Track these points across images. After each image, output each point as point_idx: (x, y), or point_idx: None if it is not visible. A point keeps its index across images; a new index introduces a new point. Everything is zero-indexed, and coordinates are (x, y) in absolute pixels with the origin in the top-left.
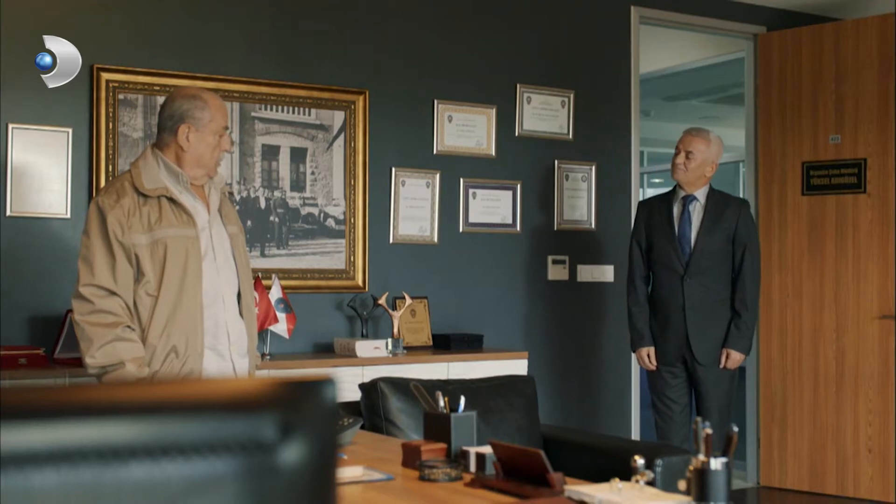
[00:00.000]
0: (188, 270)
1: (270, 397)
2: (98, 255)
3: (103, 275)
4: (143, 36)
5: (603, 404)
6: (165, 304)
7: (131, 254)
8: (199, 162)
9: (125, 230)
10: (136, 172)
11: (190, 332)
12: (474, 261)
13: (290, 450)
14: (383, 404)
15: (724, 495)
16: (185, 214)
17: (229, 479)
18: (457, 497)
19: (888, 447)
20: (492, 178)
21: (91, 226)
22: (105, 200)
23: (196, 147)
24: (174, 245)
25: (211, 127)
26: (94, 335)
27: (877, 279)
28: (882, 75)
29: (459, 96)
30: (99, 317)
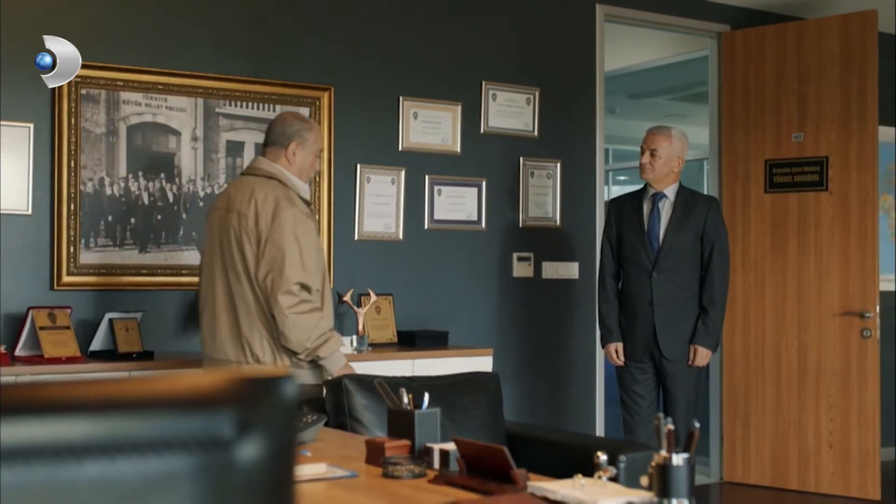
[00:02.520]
0: (326, 270)
1: (228, 394)
2: (305, 255)
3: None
4: (106, 31)
5: (568, 401)
6: (328, 298)
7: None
8: (301, 175)
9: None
10: (294, 186)
11: (331, 319)
12: (439, 258)
13: (247, 447)
14: (348, 401)
15: (686, 491)
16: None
17: (186, 476)
18: (420, 494)
19: (849, 443)
20: (457, 175)
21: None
22: (298, 209)
23: (300, 162)
24: (322, 248)
25: (313, 147)
26: (308, 323)
27: (838, 276)
28: (844, 74)
29: (425, 93)
30: (304, 306)
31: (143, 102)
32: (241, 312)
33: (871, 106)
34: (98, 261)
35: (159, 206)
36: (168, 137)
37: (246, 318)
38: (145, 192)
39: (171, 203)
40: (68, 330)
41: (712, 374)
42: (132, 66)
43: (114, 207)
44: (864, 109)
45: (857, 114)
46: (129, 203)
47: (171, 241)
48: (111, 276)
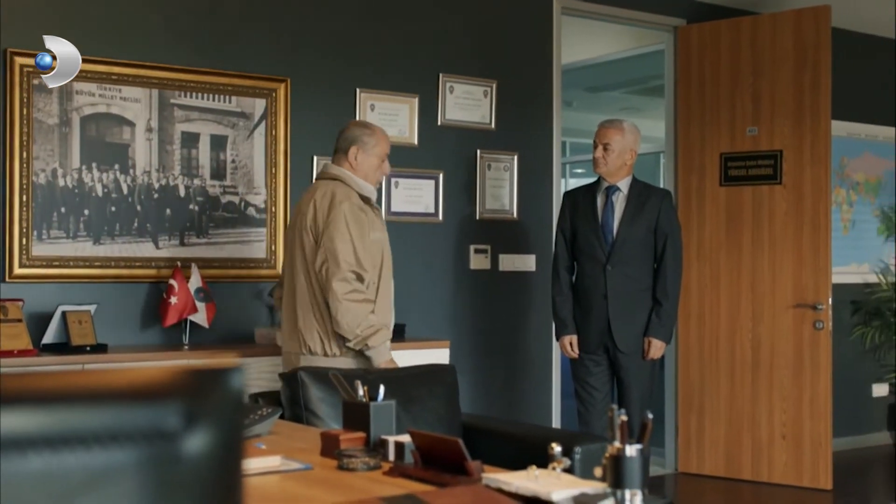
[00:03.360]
0: (388, 266)
1: (174, 386)
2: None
3: (359, 263)
4: (59, 20)
5: (524, 393)
6: (383, 291)
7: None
8: (366, 178)
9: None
10: (356, 185)
11: (389, 313)
12: (396, 250)
13: (194, 439)
14: (304, 394)
15: (639, 482)
16: (380, 221)
17: (131, 468)
18: (375, 486)
19: (801, 433)
20: (414, 167)
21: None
22: (353, 203)
23: (362, 165)
24: (385, 245)
25: (375, 150)
26: (357, 310)
27: (791, 269)
28: (797, 69)
29: (382, 85)
30: (356, 295)
31: (96, 93)
32: (299, 305)
33: (825, 100)
34: (51, 253)
35: (113, 197)
36: (122, 128)
37: (301, 310)
38: (99, 183)
39: (125, 195)
40: (20, 323)
41: (668, 366)
42: (86, 56)
43: (67, 199)
44: (818, 104)
45: (810, 108)
46: (82, 194)
47: (125, 232)
48: (64, 268)
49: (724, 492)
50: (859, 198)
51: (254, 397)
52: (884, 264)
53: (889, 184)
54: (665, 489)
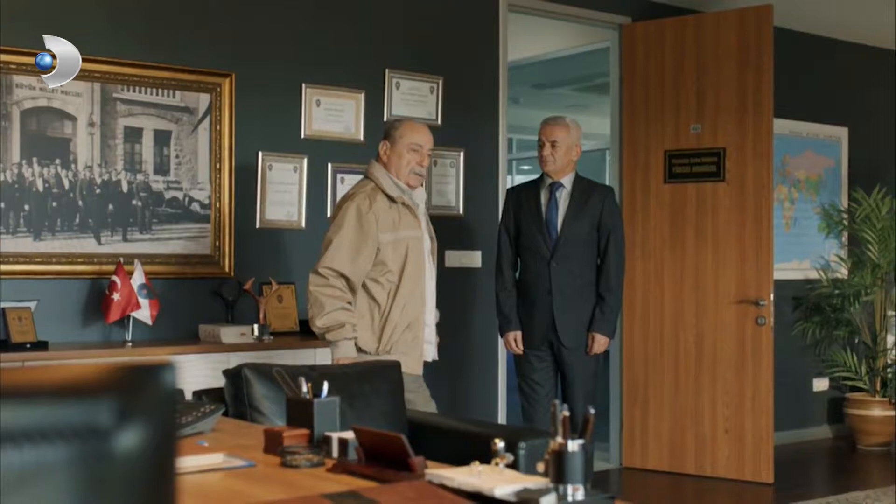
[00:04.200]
0: (418, 264)
1: (106, 383)
2: (343, 244)
3: (342, 263)
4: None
5: (470, 389)
6: (405, 290)
7: (374, 248)
8: (396, 173)
9: (376, 229)
10: (380, 181)
11: (419, 312)
12: None
13: (126, 436)
14: (248, 391)
15: (582, 476)
16: (415, 218)
17: (63, 466)
18: (318, 483)
19: (743, 428)
20: (360, 163)
21: (345, 219)
22: (360, 203)
23: (391, 159)
24: (412, 245)
25: (401, 141)
26: (326, 303)
27: (734, 265)
28: (740, 67)
29: (328, 81)
30: (329, 290)
31: (37, 86)
32: None
33: (767, 99)
34: None
35: (54, 192)
36: (63, 123)
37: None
38: (39, 178)
39: (66, 190)
40: None
41: (612, 362)
42: (26, 49)
43: (6, 194)
44: (760, 102)
45: (753, 106)
46: (22, 189)
47: (66, 228)
48: (4, 265)
49: (667, 486)
50: (801, 195)
51: (197, 394)
52: (824, 261)
53: (830, 182)
54: (609, 484)
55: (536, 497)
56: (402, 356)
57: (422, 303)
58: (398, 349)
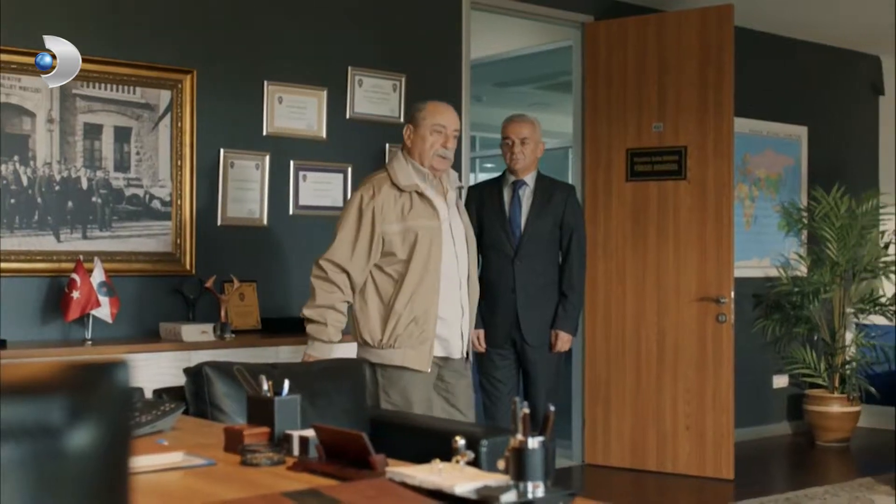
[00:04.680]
0: (432, 254)
1: (58, 381)
2: (344, 238)
3: (342, 255)
4: None
5: None
6: (412, 281)
7: (377, 240)
8: (420, 156)
9: (378, 219)
10: (392, 170)
11: (429, 305)
12: (305, 244)
13: (79, 434)
14: (209, 389)
15: (542, 473)
16: (431, 207)
17: (14, 465)
18: (278, 481)
19: (704, 424)
20: (322, 161)
21: (347, 212)
22: (364, 194)
23: (415, 143)
24: (423, 234)
25: (424, 123)
26: (318, 295)
27: (695, 263)
28: (702, 66)
29: (290, 78)
30: (326, 285)
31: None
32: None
33: (728, 98)
34: None
35: (13, 189)
36: (22, 119)
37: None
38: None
39: (25, 187)
40: None
41: (575, 359)
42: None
43: None
44: (721, 101)
45: (714, 105)
46: None
47: (25, 225)
48: None
49: (629, 483)
50: (761, 193)
51: (157, 393)
52: (784, 259)
53: (790, 180)
54: (571, 480)
55: (497, 494)
56: (407, 351)
57: (433, 295)
58: (403, 343)
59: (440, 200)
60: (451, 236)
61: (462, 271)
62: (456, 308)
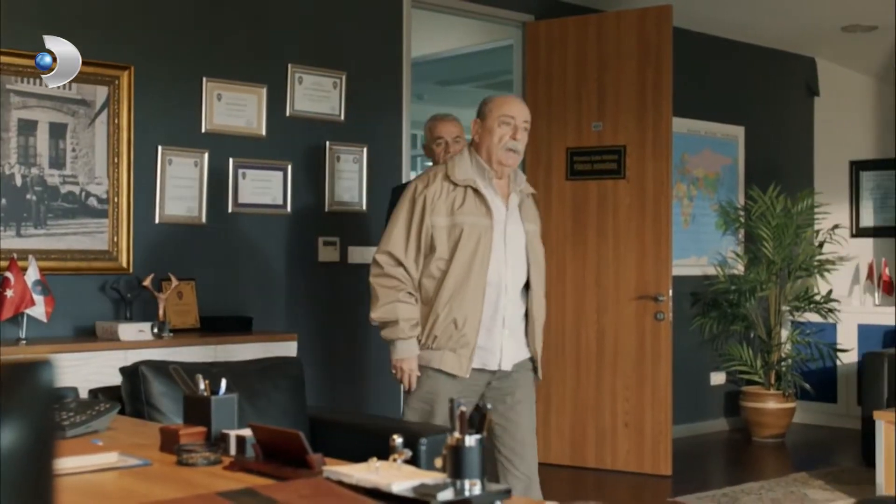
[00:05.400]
0: (478, 255)
1: None
2: (397, 229)
3: (397, 246)
4: None
5: (373, 385)
6: (453, 280)
7: (427, 233)
8: (488, 151)
9: (427, 210)
10: (451, 164)
11: (471, 310)
12: (244, 242)
13: (2, 435)
14: (145, 388)
15: (479, 471)
16: (484, 206)
17: None
18: (214, 481)
19: (643, 421)
20: (262, 158)
21: (401, 203)
22: (418, 183)
23: (483, 137)
24: (469, 230)
25: (492, 117)
26: (381, 294)
27: (634, 261)
28: (640, 67)
29: (229, 74)
30: (386, 280)
31: None
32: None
33: (666, 98)
34: None
35: None
36: None
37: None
38: None
39: None
40: None
41: None
42: None
43: None
44: (660, 101)
45: (653, 105)
46: None
47: None
48: None
49: (568, 480)
50: (699, 193)
51: (93, 393)
52: (721, 257)
53: (727, 179)
54: None
55: (433, 492)
56: (446, 353)
57: (476, 298)
58: (440, 345)
59: (498, 201)
60: (504, 240)
61: (512, 280)
62: (499, 317)
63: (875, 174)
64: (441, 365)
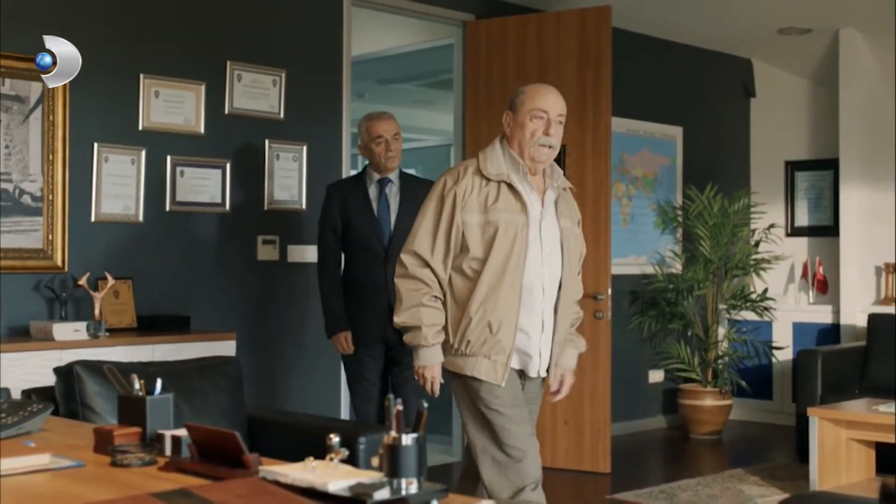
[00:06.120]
0: (513, 254)
1: None
2: (423, 228)
3: (423, 245)
4: None
5: (313, 385)
6: (487, 281)
7: (457, 232)
8: (520, 146)
9: (458, 207)
10: (483, 158)
11: (506, 312)
12: (182, 240)
13: None
14: (80, 389)
15: (415, 470)
16: (519, 202)
17: None
18: (149, 481)
19: (582, 419)
20: (200, 156)
21: (429, 199)
22: (448, 178)
23: (514, 131)
24: (504, 228)
25: (523, 110)
26: (405, 297)
27: None
28: (580, 66)
29: (167, 71)
30: (411, 283)
31: None
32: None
33: (605, 97)
34: None
35: None
36: None
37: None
38: None
39: None
40: None
41: None
42: None
43: None
44: (599, 101)
45: (592, 105)
46: None
47: None
48: None
49: None
50: (638, 192)
51: (26, 393)
52: (660, 256)
53: (665, 179)
54: (451, 477)
55: (370, 491)
56: (480, 360)
57: (513, 300)
58: (474, 351)
59: (534, 197)
60: (540, 238)
61: (549, 281)
62: (536, 319)
63: (810, 174)
64: (475, 372)
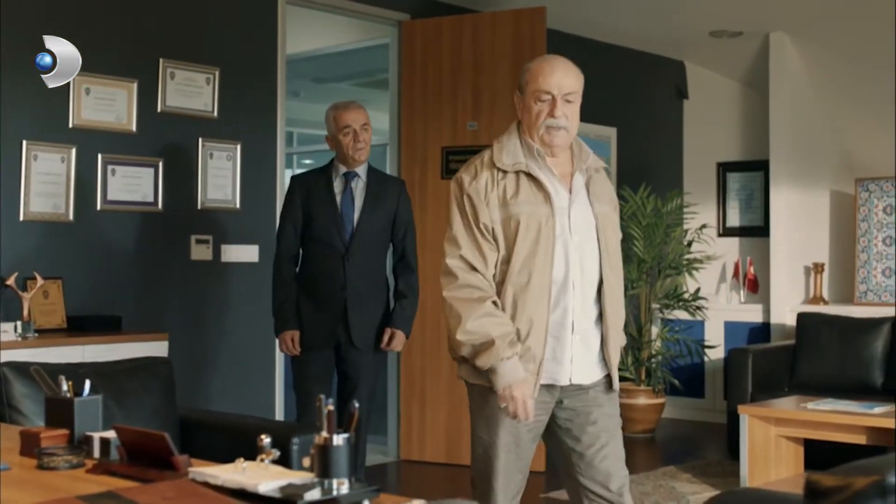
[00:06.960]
0: (539, 250)
1: None
2: (461, 231)
3: (468, 249)
4: None
5: (247, 386)
6: (513, 283)
7: (490, 229)
8: (529, 130)
9: (481, 206)
10: (497, 147)
11: (535, 316)
12: (113, 240)
13: None
14: (6, 390)
15: (347, 470)
16: (542, 192)
17: None
18: (76, 484)
19: None
20: (132, 155)
21: (453, 203)
22: (465, 176)
23: (523, 115)
24: (527, 221)
25: (528, 91)
26: (463, 311)
27: None
28: (515, 67)
29: (98, 69)
30: (465, 292)
31: None
32: None
33: None
34: None
35: None
36: None
37: None
38: None
39: None
40: None
41: (391, 355)
42: None
43: None
44: None
45: None
46: None
47: None
48: None
49: (444, 478)
50: None
51: None
52: None
53: None
54: (386, 477)
55: (300, 492)
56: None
57: (541, 301)
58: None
59: (558, 184)
60: (569, 229)
61: (581, 276)
62: (566, 322)
63: (741, 175)
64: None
